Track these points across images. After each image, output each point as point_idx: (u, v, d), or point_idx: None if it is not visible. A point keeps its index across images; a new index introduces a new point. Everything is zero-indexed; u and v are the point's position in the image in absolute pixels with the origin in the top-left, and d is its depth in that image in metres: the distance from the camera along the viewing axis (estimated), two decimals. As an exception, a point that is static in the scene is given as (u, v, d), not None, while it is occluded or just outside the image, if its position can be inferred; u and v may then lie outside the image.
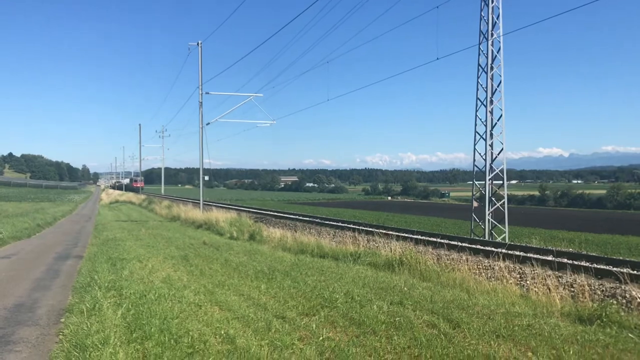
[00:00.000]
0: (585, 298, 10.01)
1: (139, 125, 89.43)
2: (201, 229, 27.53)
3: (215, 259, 14.81)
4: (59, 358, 6.16)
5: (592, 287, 11.36)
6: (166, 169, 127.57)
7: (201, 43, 36.58)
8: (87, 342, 6.44)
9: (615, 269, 12.91)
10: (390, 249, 15.14)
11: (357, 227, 25.12)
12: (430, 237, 21.20)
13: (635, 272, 12.62)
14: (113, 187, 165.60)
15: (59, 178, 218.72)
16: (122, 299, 9.04)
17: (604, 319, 7.66)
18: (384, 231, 22.25)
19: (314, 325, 7.38)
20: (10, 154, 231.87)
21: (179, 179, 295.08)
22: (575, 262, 14.14)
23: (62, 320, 8.21)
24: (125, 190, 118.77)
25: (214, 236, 23.37)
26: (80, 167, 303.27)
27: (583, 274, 12.36)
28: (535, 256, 14.89)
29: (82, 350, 6.17)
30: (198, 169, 38.45)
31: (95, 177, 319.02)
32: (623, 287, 11.15)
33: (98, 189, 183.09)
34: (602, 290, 11.25)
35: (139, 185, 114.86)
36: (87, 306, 8.52)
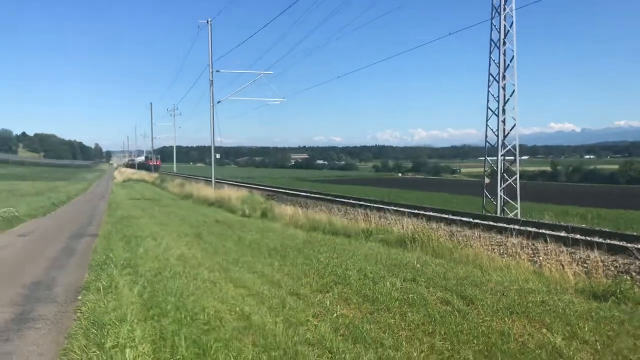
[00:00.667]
0: (599, 274, 9.97)
1: (150, 104, 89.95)
2: (213, 207, 27.68)
3: (228, 236, 14.91)
4: (78, 335, 6.26)
5: (606, 263, 11.32)
6: (178, 147, 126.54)
7: (211, 21, 36.45)
8: (104, 319, 6.54)
9: (629, 244, 12.84)
10: (402, 225, 15.13)
11: (368, 204, 25.11)
12: (442, 213, 21.16)
13: (649, 247, 12.54)
14: (126, 165, 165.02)
15: (72, 157, 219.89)
16: (137, 277, 9.14)
17: (619, 295, 7.65)
18: (395, 208, 22.25)
19: (328, 302, 7.44)
20: (24, 134, 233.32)
21: (191, 157, 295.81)
22: (588, 238, 14.07)
23: (80, 297, 8.33)
24: (139, 169, 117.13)
25: (227, 214, 23.51)
26: (92, 146, 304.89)
27: (596, 250, 12.29)
28: (547, 232, 14.83)
29: (99, 328, 6.27)
30: (209, 147, 38.55)
31: (108, 155, 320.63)
32: (637, 262, 11.11)
33: (111, 167, 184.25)
34: (616, 267, 11.22)
35: (154, 163, 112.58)
36: (103, 284, 8.63)
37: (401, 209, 21.51)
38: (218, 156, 39.76)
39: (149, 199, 34.36)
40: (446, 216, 19.75)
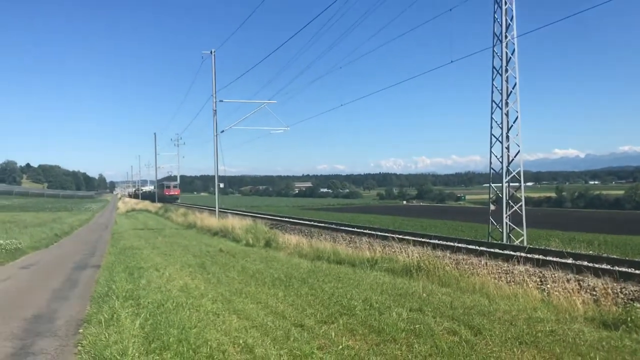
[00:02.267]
0: (608, 302, 9.82)
1: (154, 134, 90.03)
2: (217, 237, 27.57)
3: (232, 266, 14.78)
4: (78, 370, 6.13)
5: (615, 291, 11.16)
6: (182, 176, 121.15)
7: (214, 51, 36.76)
8: (105, 353, 6.42)
9: (638, 271, 12.68)
10: (408, 254, 15.01)
11: (373, 232, 25.00)
12: (447, 241, 21.02)
13: (658, 274, 12.38)
14: (130, 195, 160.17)
15: (75, 187, 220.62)
16: (140, 309, 9.01)
17: (629, 324, 7.50)
18: (400, 236, 22.12)
19: (333, 334, 7.30)
20: (28, 165, 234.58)
21: (195, 186, 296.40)
22: (596, 265, 13.92)
23: (81, 331, 8.21)
24: (143, 199, 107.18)
25: (230, 243, 23.38)
26: (96, 176, 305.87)
27: (605, 277, 12.15)
28: (554, 259, 14.68)
29: (101, 362, 6.14)
30: (213, 177, 38.60)
31: (112, 185, 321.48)
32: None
33: (115, 197, 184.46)
34: (625, 294, 11.05)
35: (173, 193, 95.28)
36: (105, 316, 8.50)
37: (406, 237, 21.37)
38: (222, 185, 39.60)
39: (152, 229, 34.26)
40: (452, 244, 19.59)
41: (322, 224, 33.64)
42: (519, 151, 23.95)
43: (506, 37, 23.38)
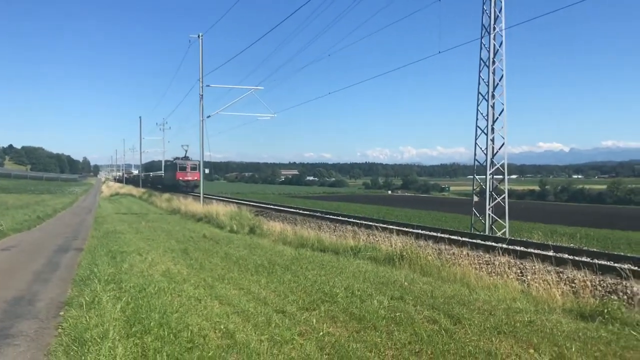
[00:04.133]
0: (587, 294, 9.97)
1: (139, 117, 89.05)
2: (201, 222, 27.49)
3: (215, 252, 14.78)
4: (58, 352, 6.12)
5: (593, 283, 11.32)
6: (166, 161, 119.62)
7: (202, 35, 36.45)
8: (86, 336, 6.41)
9: (616, 264, 12.87)
10: (391, 243, 15.10)
11: (358, 221, 25.07)
12: (430, 231, 21.15)
13: (636, 267, 12.57)
14: (117, 179, 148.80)
15: (59, 170, 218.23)
16: (121, 293, 9.00)
17: (606, 316, 7.63)
18: (384, 225, 22.21)
19: (314, 320, 7.35)
20: (11, 146, 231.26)
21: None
22: (576, 258, 14.09)
23: (62, 313, 8.18)
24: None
25: (214, 229, 23.34)
26: (80, 160, 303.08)
27: (584, 270, 12.31)
28: (535, 251, 14.84)
29: (80, 345, 6.14)
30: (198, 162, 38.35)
31: (96, 169, 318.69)
32: (624, 283, 11.11)
33: (99, 181, 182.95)
34: (604, 286, 11.22)
35: (190, 178, 62.86)
36: (86, 299, 8.48)
37: (390, 227, 21.46)
38: (207, 171, 39.32)
39: (136, 214, 34.08)
40: (435, 234, 19.73)
41: (307, 212, 33.66)
42: (503, 143, 24.10)
43: (494, 29, 23.43)
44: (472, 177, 25.97)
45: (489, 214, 23.88)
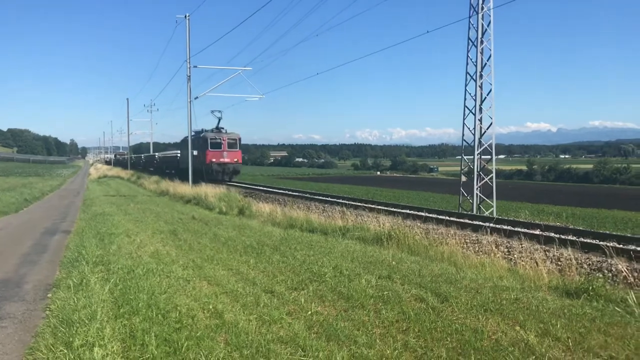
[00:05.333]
0: (572, 272, 10.10)
1: (127, 99, 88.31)
2: (190, 204, 27.42)
3: (204, 233, 14.76)
4: (45, 334, 6.11)
5: (579, 261, 11.44)
6: (155, 143, 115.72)
7: (189, 16, 36.00)
8: (73, 317, 6.40)
9: (601, 242, 13.00)
10: (379, 223, 15.15)
11: (346, 201, 25.10)
12: (418, 211, 21.22)
13: (621, 245, 12.71)
14: (108, 162, 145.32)
15: (46, 152, 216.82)
16: (109, 274, 8.99)
17: (591, 293, 7.72)
18: (372, 206, 22.26)
19: (303, 300, 7.39)
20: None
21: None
22: (563, 236, 14.22)
23: (49, 295, 8.16)
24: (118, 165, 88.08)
25: (203, 211, 23.30)
26: (68, 142, 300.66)
27: (570, 248, 12.43)
28: (522, 230, 14.95)
29: (68, 326, 6.13)
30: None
31: (84, 151, 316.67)
32: (609, 260, 11.23)
33: (87, 163, 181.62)
34: (589, 264, 11.34)
35: (228, 160, 42.36)
36: (74, 281, 8.46)
37: (378, 207, 21.53)
38: (195, 153, 38.85)
39: (125, 196, 33.91)
40: (423, 214, 19.80)
41: (296, 193, 33.65)
42: (491, 123, 24.14)
43: (482, 8, 23.34)
44: (460, 157, 26.05)
45: (477, 194, 24.01)
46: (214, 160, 41.74)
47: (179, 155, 53.11)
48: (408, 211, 20.60)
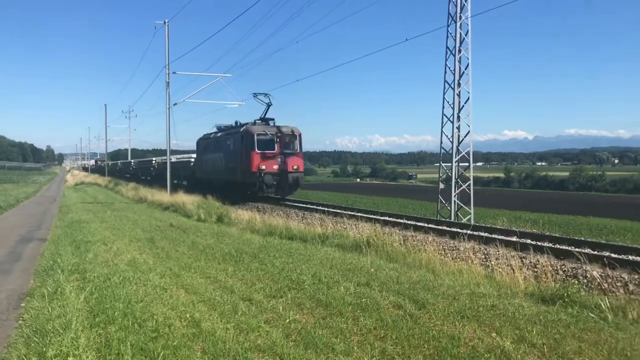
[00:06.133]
0: (548, 278, 10.23)
1: (105, 105, 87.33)
2: (168, 211, 27.21)
3: (182, 241, 14.65)
4: (18, 344, 6.01)
5: (555, 268, 11.58)
6: (133, 150, 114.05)
7: (168, 22, 35.85)
8: (47, 327, 6.31)
9: (576, 249, 13.18)
10: (358, 230, 15.19)
11: (326, 209, 25.12)
12: (397, 218, 21.32)
13: (595, 252, 12.90)
14: (86, 168, 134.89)
15: (22, 159, 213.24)
16: (85, 283, 8.88)
17: (566, 299, 7.83)
18: (352, 213, 22.30)
19: (281, 308, 7.37)
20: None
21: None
22: (539, 243, 14.38)
23: (23, 305, 8.03)
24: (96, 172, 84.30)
25: (181, 218, 23.13)
26: (44, 148, 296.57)
27: (546, 255, 12.58)
28: (499, 237, 15.10)
29: (42, 336, 6.04)
30: (165, 150, 37.91)
31: (61, 158, 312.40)
32: (584, 267, 11.39)
33: (63, 170, 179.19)
34: (564, 271, 11.48)
35: (290, 167, 28.61)
36: (48, 290, 8.34)
37: (358, 214, 21.57)
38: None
39: (102, 203, 33.53)
40: (401, 221, 19.89)
41: (276, 200, 33.58)
42: (469, 131, 24.37)
43: (461, 17, 23.61)
44: (438, 164, 26.25)
45: (455, 201, 24.18)
46: (264, 167, 28.06)
47: (192, 161, 41.60)
48: (387, 218, 20.69)
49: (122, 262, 11.04)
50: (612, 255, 12.35)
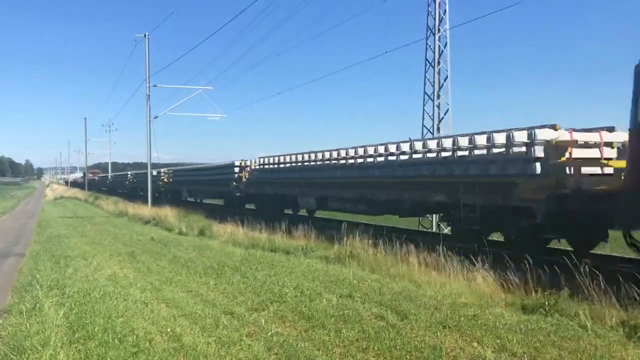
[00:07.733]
0: (530, 287, 10.27)
1: (85, 119, 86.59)
2: (149, 225, 26.98)
3: (163, 255, 14.54)
4: (-5, 362, 5.92)
5: (537, 276, 11.64)
6: (113, 163, 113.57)
7: (148, 35, 35.76)
8: (25, 344, 6.22)
9: (558, 259, 13.27)
10: (341, 241, 15.16)
11: (309, 219, 25.07)
12: (380, 229, 21.34)
13: (577, 261, 13.00)
14: (68, 182, 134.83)
15: (0, 174, 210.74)
16: (64, 298, 8.77)
17: (547, 308, 7.89)
18: (335, 224, 22.28)
19: (263, 321, 7.34)
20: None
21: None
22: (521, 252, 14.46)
23: (0, 322, 7.90)
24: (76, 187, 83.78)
25: (163, 232, 22.95)
26: (23, 162, 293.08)
27: (527, 264, 12.64)
28: (483, 248, 15.14)
29: (20, 353, 5.96)
30: (146, 164, 37.67)
31: (40, 172, 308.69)
32: (564, 275, 11.47)
33: (42, 184, 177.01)
34: (546, 279, 11.55)
35: None
36: (27, 306, 8.23)
37: (340, 225, 21.55)
38: (155, 173, 38.13)
39: (82, 217, 33.18)
40: (384, 232, 19.91)
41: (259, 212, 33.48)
42: (450, 142, 24.59)
43: (439, 30, 23.91)
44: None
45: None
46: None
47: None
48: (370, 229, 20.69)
49: (103, 276, 10.93)
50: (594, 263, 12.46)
